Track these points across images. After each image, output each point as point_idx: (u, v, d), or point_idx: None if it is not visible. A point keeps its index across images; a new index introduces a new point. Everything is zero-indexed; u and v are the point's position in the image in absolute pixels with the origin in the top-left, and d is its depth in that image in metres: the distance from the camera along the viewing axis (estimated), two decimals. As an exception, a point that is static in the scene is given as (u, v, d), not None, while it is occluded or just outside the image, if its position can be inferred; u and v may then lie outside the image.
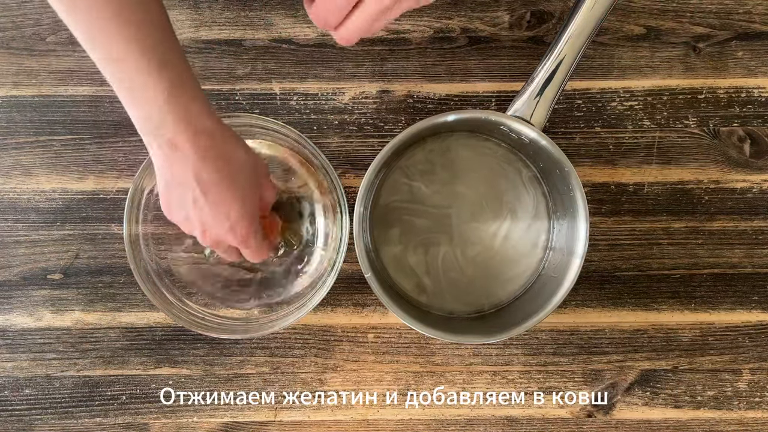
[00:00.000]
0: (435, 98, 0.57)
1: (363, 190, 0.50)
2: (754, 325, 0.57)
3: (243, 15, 0.57)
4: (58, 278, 0.57)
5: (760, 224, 0.57)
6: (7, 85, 0.57)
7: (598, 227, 0.57)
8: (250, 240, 0.45)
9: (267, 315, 0.55)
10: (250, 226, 0.44)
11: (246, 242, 0.45)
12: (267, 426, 0.57)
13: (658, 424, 0.57)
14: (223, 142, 0.42)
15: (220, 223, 0.43)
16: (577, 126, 0.57)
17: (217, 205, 0.42)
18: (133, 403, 0.57)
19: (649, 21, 0.57)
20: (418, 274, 0.56)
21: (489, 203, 0.56)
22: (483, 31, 0.58)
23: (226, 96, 0.57)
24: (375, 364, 0.57)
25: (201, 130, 0.40)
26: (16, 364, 0.57)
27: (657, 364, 0.57)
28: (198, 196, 0.42)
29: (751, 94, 0.57)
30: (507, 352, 0.57)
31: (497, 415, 0.57)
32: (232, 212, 0.43)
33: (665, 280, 0.57)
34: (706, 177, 0.57)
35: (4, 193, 0.57)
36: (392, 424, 0.57)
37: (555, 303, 0.50)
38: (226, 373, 0.57)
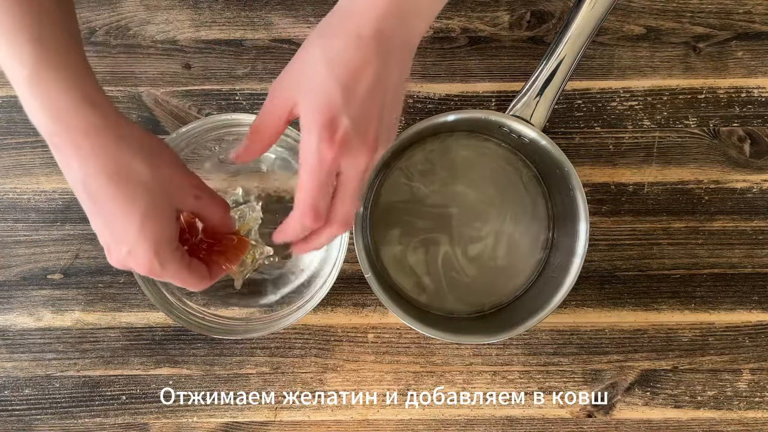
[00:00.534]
0: (435, 98, 0.57)
1: (363, 190, 0.50)
2: (754, 325, 0.57)
3: (243, 15, 0.57)
4: (58, 278, 0.57)
5: (760, 224, 0.57)
6: (7, 84, 0.57)
7: (598, 227, 0.57)
8: (155, 268, 0.36)
9: (267, 315, 0.55)
10: (153, 253, 0.36)
11: (151, 270, 0.37)
12: (267, 426, 0.57)
13: (658, 424, 0.57)
14: (117, 147, 0.35)
15: (118, 245, 0.36)
16: (577, 126, 0.57)
17: (111, 222, 0.36)
18: (133, 403, 0.57)
19: (649, 21, 0.57)
20: (418, 273, 0.56)
21: (489, 203, 0.56)
22: (483, 31, 0.58)
23: (226, 96, 0.57)
24: (375, 364, 0.57)
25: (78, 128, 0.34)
26: (16, 364, 0.57)
27: (657, 364, 0.57)
28: (90, 208, 0.36)
29: (751, 94, 0.57)
30: (507, 352, 0.57)
31: (497, 415, 0.57)
32: (128, 234, 0.35)
33: (665, 280, 0.57)
34: (706, 177, 0.57)
35: (4, 193, 0.57)
36: (392, 424, 0.57)
37: (555, 303, 0.50)
38: (226, 373, 0.57)
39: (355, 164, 0.35)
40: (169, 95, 0.57)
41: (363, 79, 0.34)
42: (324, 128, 0.34)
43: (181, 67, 0.57)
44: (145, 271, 0.37)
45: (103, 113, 0.35)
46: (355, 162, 0.35)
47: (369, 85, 0.34)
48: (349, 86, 0.34)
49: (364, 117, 0.35)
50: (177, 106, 0.57)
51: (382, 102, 0.35)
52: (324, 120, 0.34)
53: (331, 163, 0.34)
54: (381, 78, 0.35)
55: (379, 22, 0.34)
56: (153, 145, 0.37)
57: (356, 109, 0.34)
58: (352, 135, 0.34)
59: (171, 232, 0.37)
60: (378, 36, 0.34)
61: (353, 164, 0.35)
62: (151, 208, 0.35)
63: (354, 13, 0.34)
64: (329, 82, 0.34)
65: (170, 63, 0.57)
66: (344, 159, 0.35)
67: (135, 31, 0.57)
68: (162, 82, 0.57)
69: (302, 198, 0.36)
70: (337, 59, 0.34)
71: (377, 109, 0.35)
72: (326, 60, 0.34)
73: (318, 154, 0.34)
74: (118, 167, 0.35)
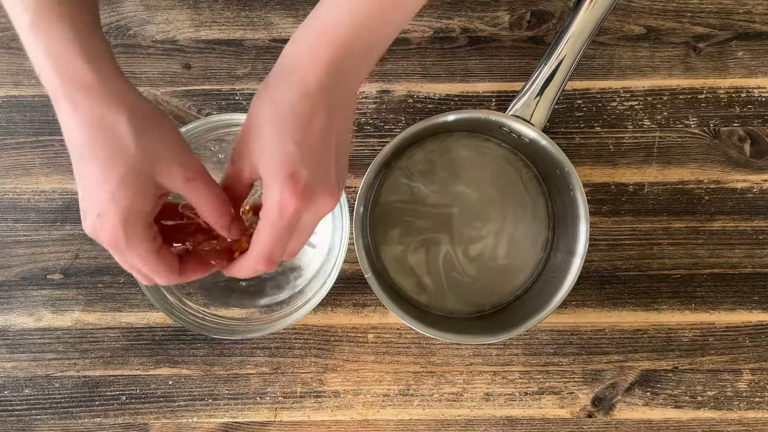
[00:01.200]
0: (435, 98, 0.57)
1: (363, 190, 0.50)
2: (754, 325, 0.57)
3: (243, 15, 0.57)
4: (57, 278, 0.57)
5: (761, 224, 0.57)
6: (7, 85, 0.57)
7: (599, 227, 0.57)
8: (119, 241, 0.34)
9: (267, 315, 0.55)
10: (121, 222, 0.33)
11: (115, 243, 0.34)
12: (267, 426, 0.57)
13: (659, 424, 0.57)
14: (104, 105, 0.33)
15: (91, 207, 0.34)
16: (577, 126, 0.57)
17: (88, 183, 0.34)
18: (133, 403, 0.57)
19: (649, 21, 0.57)
20: (418, 274, 0.56)
21: (489, 203, 0.56)
22: (483, 31, 0.58)
23: (226, 96, 0.57)
24: (375, 364, 0.57)
25: (73, 81, 0.33)
26: (16, 364, 0.57)
27: (657, 364, 0.57)
28: (75, 167, 0.34)
29: (752, 94, 0.57)
30: (507, 353, 0.57)
31: (497, 416, 0.57)
32: (101, 196, 0.33)
33: (665, 280, 0.57)
34: (706, 177, 0.57)
35: (4, 193, 0.57)
36: (392, 424, 0.57)
37: (555, 303, 0.50)
38: (226, 373, 0.57)
39: (318, 212, 0.36)
40: (169, 95, 0.57)
41: (314, 130, 0.35)
42: (285, 181, 0.34)
43: (181, 67, 0.57)
44: (109, 243, 0.34)
45: (99, 69, 0.34)
46: (318, 210, 0.36)
47: (321, 136, 0.35)
48: (304, 140, 0.35)
49: (322, 166, 0.36)
50: (177, 106, 0.57)
51: (335, 149, 0.36)
52: (284, 174, 0.34)
53: (293, 214, 0.35)
54: (331, 126, 0.36)
55: (321, 78, 0.35)
56: (147, 114, 0.35)
57: (313, 160, 0.35)
58: (313, 185, 0.35)
59: (146, 206, 0.34)
60: (322, 89, 0.35)
61: (315, 213, 0.36)
62: (129, 175, 0.33)
63: (297, 70, 0.35)
64: (285, 140, 0.34)
65: (170, 63, 0.57)
66: (307, 209, 0.35)
67: (135, 31, 0.57)
68: (162, 82, 0.57)
69: (260, 247, 0.36)
70: (288, 116, 0.35)
71: (332, 156, 0.36)
72: (278, 119, 0.35)
73: (280, 206, 0.34)
74: (102, 126, 0.33)
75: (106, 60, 0.35)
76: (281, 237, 0.36)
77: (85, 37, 0.34)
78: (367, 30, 0.35)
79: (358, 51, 0.36)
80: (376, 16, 0.35)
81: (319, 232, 0.56)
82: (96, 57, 0.34)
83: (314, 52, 0.35)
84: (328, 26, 0.35)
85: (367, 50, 0.37)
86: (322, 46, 0.35)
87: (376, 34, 0.36)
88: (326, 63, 0.35)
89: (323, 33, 0.35)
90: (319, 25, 0.35)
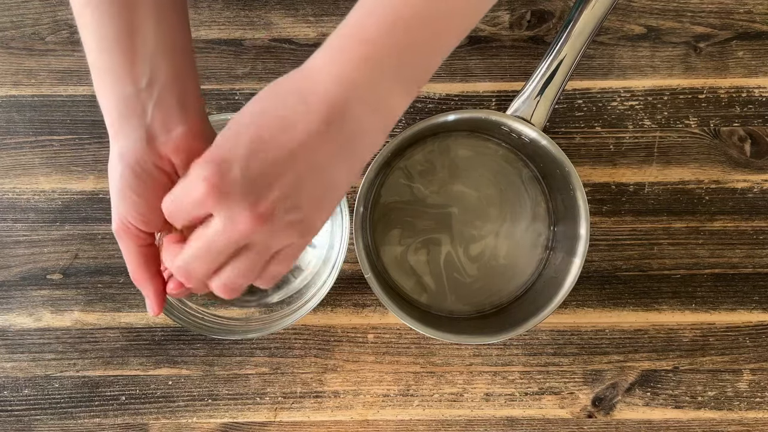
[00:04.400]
0: (435, 98, 0.57)
1: (363, 190, 0.50)
2: (754, 325, 0.57)
3: (243, 14, 0.57)
4: (57, 278, 0.57)
5: (761, 224, 0.57)
6: (7, 84, 0.57)
7: (599, 227, 0.57)
8: (117, 227, 0.37)
9: (267, 315, 0.54)
10: (118, 230, 0.37)
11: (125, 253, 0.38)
12: (267, 426, 0.57)
13: (659, 424, 0.57)
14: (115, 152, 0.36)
15: None
16: (577, 126, 0.57)
17: None
18: (133, 404, 0.57)
19: (649, 21, 0.57)
20: (418, 274, 0.56)
21: (489, 203, 0.56)
22: (483, 30, 0.57)
23: (226, 96, 0.57)
24: (375, 364, 0.57)
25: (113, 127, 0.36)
26: (15, 364, 0.57)
27: (657, 364, 0.57)
28: None
29: (752, 93, 0.57)
30: (507, 353, 0.57)
31: (497, 416, 0.57)
32: None
33: (666, 280, 0.57)
34: (706, 177, 0.57)
35: (4, 193, 0.57)
36: (392, 424, 0.57)
37: (555, 303, 0.50)
38: (226, 373, 0.57)
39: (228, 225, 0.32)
40: (168, 95, 0.57)
41: (287, 141, 0.31)
42: (207, 164, 0.31)
43: (181, 67, 0.57)
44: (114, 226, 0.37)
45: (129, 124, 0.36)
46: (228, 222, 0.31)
47: (290, 151, 0.31)
48: (267, 142, 0.31)
49: (265, 180, 0.31)
50: (176, 106, 0.57)
51: (298, 180, 0.31)
52: (212, 156, 0.31)
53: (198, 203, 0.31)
54: (315, 151, 0.31)
55: (330, 96, 0.31)
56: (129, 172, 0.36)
57: (261, 167, 0.31)
58: (237, 191, 0.31)
59: (131, 218, 0.36)
60: (331, 108, 0.31)
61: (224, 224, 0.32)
62: (116, 191, 0.36)
63: (309, 79, 0.32)
64: (244, 129, 0.31)
65: (170, 63, 0.57)
66: (218, 211, 0.31)
67: (134, 30, 0.57)
68: (161, 81, 0.57)
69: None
70: (269, 113, 0.31)
71: (288, 183, 0.31)
72: (259, 110, 0.32)
73: (189, 187, 0.32)
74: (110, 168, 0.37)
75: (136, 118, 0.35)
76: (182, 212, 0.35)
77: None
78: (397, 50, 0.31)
79: (375, 75, 0.31)
80: None
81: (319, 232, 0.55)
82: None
83: (331, 64, 0.32)
84: (346, 41, 0.32)
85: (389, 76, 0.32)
86: (342, 60, 0.31)
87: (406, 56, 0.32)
88: (337, 80, 0.31)
89: (352, 35, 0.32)
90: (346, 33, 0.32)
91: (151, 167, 0.35)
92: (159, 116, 0.35)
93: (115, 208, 0.37)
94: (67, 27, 0.57)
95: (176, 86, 0.36)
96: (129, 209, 0.36)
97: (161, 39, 0.35)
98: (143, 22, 0.34)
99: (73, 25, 0.57)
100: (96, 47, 0.34)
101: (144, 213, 0.36)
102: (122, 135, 0.35)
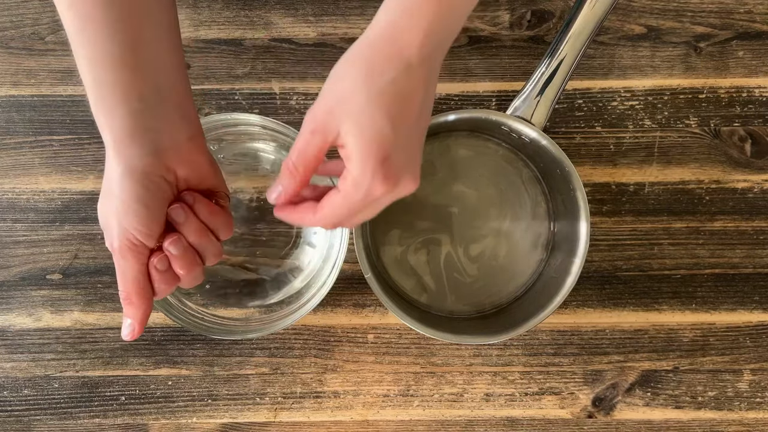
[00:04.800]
0: (435, 98, 0.57)
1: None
2: (755, 325, 0.57)
3: (243, 14, 0.57)
4: (57, 278, 0.57)
5: (761, 224, 0.57)
6: (6, 84, 0.57)
7: (599, 227, 0.57)
8: None
9: (267, 315, 0.54)
10: (122, 248, 0.38)
11: None
12: (267, 426, 0.57)
13: (659, 424, 0.57)
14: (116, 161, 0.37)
15: None
16: (577, 126, 0.57)
17: None
18: (133, 404, 0.57)
19: (649, 20, 0.57)
20: (419, 274, 0.56)
21: (489, 203, 0.56)
22: (483, 30, 0.57)
23: (225, 96, 0.57)
24: (375, 364, 0.57)
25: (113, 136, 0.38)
26: (15, 364, 0.57)
27: (658, 364, 0.57)
28: None
29: (752, 93, 0.57)
30: (507, 353, 0.57)
31: (498, 416, 0.57)
32: None
33: (666, 280, 0.57)
34: (707, 177, 0.57)
35: (3, 193, 0.57)
36: (392, 424, 0.57)
37: (556, 303, 0.50)
38: (226, 373, 0.57)
39: (397, 196, 0.36)
40: (168, 95, 0.57)
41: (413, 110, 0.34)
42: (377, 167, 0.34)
43: (181, 67, 0.57)
44: None
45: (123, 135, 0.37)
46: (398, 195, 0.36)
47: (417, 117, 0.35)
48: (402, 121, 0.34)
49: (412, 151, 0.35)
50: (176, 106, 0.57)
51: (424, 129, 0.36)
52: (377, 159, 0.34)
53: (377, 197, 0.35)
54: (425, 105, 0.35)
55: (424, 50, 0.33)
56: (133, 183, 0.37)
57: (407, 144, 0.35)
58: (403, 172, 0.35)
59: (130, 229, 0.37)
60: (425, 63, 0.34)
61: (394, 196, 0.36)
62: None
63: (398, 40, 0.34)
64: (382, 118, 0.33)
65: (170, 62, 0.57)
66: (390, 194, 0.35)
67: (134, 30, 0.57)
68: (161, 81, 0.57)
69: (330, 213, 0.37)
70: (388, 91, 0.33)
71: (422, 139, 0.36)
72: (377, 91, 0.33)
73: (367, 189, 0.34)
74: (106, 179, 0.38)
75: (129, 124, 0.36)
76: (355, 211, 0.36)
77: None
78: None
79: (447, 21, 0.34)
80: None
81: (319, 232, 0.55)
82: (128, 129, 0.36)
83: (412, 24, 0.33)
84: None
85: (453, 21, 0.35)
86: (421, 14, 0.33)
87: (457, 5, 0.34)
88: (424, 33, 0.33)
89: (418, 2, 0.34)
90: None
91: (158, 180, 0.37)
92: (166, 130, 0.37)
93: (116, 225, 0.37)
94: (66, 27, 0.57)
95: (178, 100, 0.38)
96: (135, 223, 0.37)
97: (163, 55, 0.36)
98: (146, 39, 0.35)
99: (73, 24, 0.57)
100: (99, 63, 0.35)
101: (149, 226, 0.37)
102: (129, 150, 0.36)
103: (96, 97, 0.36)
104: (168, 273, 0.39)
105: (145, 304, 0.39)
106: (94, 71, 0.35)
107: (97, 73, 0.35)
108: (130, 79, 0.35)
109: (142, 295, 0.38)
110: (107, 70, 0.35)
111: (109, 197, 0.37)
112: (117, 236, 0.37)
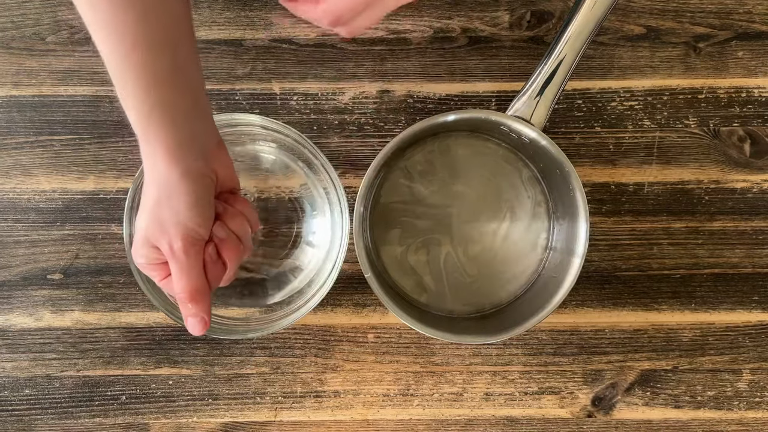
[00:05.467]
0: (435, 98, 0.57)
1: (363, 190, 0.50)
2: (754, 325, 0.57)
3: (243, 15, 0.57)
4: (57, 278, 0.57)
5: (761, 224, 0.57)
6: (7, 85, 0.57)
7: (598, 227, 0.57)
8: None
9: (267, 315, 0.55)
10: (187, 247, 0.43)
11: None
12: (267, 426, 0.57)
13: (659, 424, 0.57)
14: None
15: None
16: (577, 126, 0.57)
17: None
18: (133, 403, 0.57)
19: (649, 21, 0.57)
20: (419, 273, 0.56)
21: (489, 203, 0.56)
22: (483, 31, 0.58)
23: (225, 96, 0.57)
24: (375, 364, 0.57)
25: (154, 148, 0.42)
26: (15, 364, 0.57)
27: (657, 364, 0.57)
28: None
29: (752, 93, 0.57)
30: (507, 353, 0.57)
31: (497, 416, 0.57)
32: None
33: (665, 280, 0.57)
34: (706, 177, 0.57)
35: (4, 193, 0.57)
36: (392, 424, 0.57)
37: (555, 303, 0.50)
38: (226, 373, 0.57)
39: None
40: (169, 95, 0.57)
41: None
42: None
43: (181, 67, 0.57)
44: None
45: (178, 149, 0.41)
46: None
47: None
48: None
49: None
50: (177, 106, 0.57)
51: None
52: None
53: None
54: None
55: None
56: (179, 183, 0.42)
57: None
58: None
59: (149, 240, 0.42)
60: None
61: None
62: None
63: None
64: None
65: (170, 63, 0.57)
66: None
67: (135, 31, 0.57)
68: (162, 82, 0.57)
69: None
70: None
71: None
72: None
73: None
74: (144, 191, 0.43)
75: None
76: None
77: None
78: None
79: None
80: None
81: (319, 232, 0.56)
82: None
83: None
84: None
85: None
86: None
87: None
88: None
89: None
90: None
91: (209, 180, 0.42)
92: (207, 137, 0.42)
93: (176, 226, 0.41)
94: (67, 27, 0.57)
95: (208, 110, 0.43)
96: (199, 219, 0.41)
97: (196, 72, 0.41)
98: (185, 59, 0.39)
99: (74, 25, 0.57)
100: (144, 84, 0.38)
101: (209, 220, 0.42)
102: (184, 158, 0.40)
103: (148, 116, 0.39)
104: (218, 263, 0.43)
105: (208, 295, 0.43)
106: (138, 91, 0.38)
107: (143, 93, 0.38)
108: (175, 97, 0.39)
109: (205, 289, 0.43)
110: (156, 89, 0.38)
111: (165, 203, 0.40)
112: (179, 237, 0.41)
